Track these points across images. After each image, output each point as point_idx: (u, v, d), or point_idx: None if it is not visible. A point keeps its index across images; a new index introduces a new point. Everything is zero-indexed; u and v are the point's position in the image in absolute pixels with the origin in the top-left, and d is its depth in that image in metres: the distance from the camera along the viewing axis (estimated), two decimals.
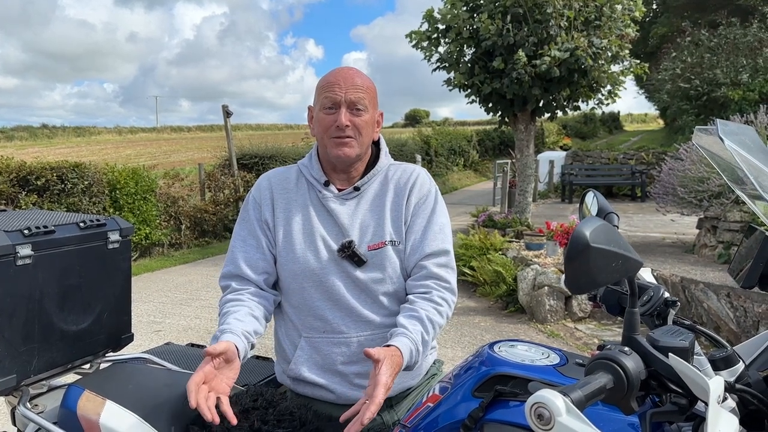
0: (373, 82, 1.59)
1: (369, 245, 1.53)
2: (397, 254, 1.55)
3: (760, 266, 1.14)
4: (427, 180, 1.63)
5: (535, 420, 0.77)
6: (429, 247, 1.54)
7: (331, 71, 1.57)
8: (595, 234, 0.84)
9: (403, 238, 1.56)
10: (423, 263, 1.53)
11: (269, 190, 1.62)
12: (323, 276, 1.53)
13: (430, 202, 1.59)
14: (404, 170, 1.63)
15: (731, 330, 4.39)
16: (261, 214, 1.60)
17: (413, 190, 1.58)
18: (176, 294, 6.87)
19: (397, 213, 1.57)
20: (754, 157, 1.14)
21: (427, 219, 1.57)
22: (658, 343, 0.91)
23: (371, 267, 1.53)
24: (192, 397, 1.24)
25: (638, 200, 13.73)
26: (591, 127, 37.71)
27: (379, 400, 1.24)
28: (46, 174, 7.89)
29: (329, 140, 1.52)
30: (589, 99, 8.85)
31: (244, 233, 1.61)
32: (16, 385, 1.51)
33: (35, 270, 1.51)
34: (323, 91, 1.53)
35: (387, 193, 1.59)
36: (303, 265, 1.54)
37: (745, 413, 0.98)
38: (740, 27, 15.99)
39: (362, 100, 1.51)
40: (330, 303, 1.54)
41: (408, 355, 1.36)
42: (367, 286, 1.53)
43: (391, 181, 1.60)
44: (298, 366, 1.56)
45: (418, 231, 1.56)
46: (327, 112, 1.51)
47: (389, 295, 1.55)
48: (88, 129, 45.99)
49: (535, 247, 6.79)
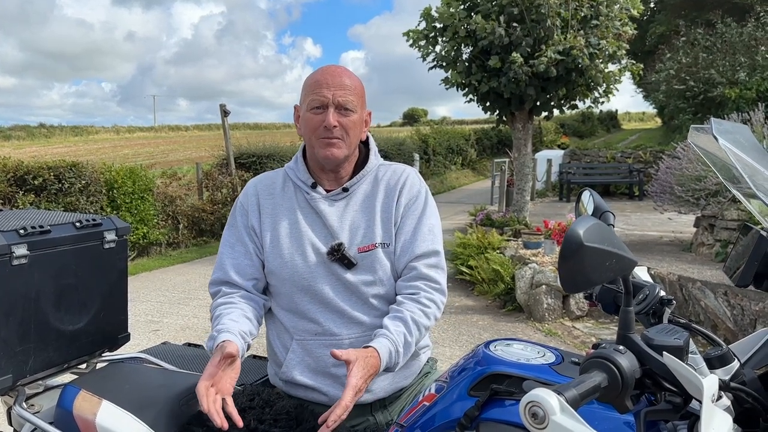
0: (361, 81, 1.58)
1: (359, 247, 1.53)
2: (387, 256, 1.54)
3: (754, 265, 1.14)
4: (417, 181, 1.62)
5: (529, 419, 0.77)
6: (419, 248, 1.54)
7: (319, 70, 1.55)
8: (589, 233, 0.84)
9: (393, 239, 1.55)
10: (413, 264, 1.53)
11: (255, 195, 1.61)
12: (312, 280, 1.52)
13: (420, 202, 1.59)
14: (394, 171, 1.62)
15: (728, 328, 4.40)
16: (248, 220, 1.59)
17: (403, 191, 1.58)
18: (174, 293, 6.86)
19: (387, 214, 1.56)
20: (748, 155, 1.14)
21: (417, 220, 1.57)
22: (652, 341, 0.92)
23: (361, 269, 1.52)
24: (204, 402, 1.26)
25: (636, 199, 13.74)
26: (589, 125, 37.72)
27: (346, 402, 1.25)
28: (43, 173, 7.87)
29: (317, 141, 1.52)
30: (585, 97, 8.86)
31: (233, 240, 1.61)
32: (12, 385, 1.50)
33: (31, 270, 1.51)
34: (311, 91, 1.51)
35: (377, 195, 1.58)
36: (291, 270, 1.53)
37: (740, 411, 0.98)
38: (737, 26, 16.01)
39: (350, 101, 1.50)
40: (321, 306, 1.53)
41: (387, 356, 1.36)
42: (357, 288, 1.52)
43: (381, 182, 1.60)
44: (290, 369, 1.55)
45: (408, 232, 1.55)
46: (315, 113, 1.50)
47: (379, 297, 1.54)
48: (85, 128, 45.91)
49: (533, 246, 6.80)
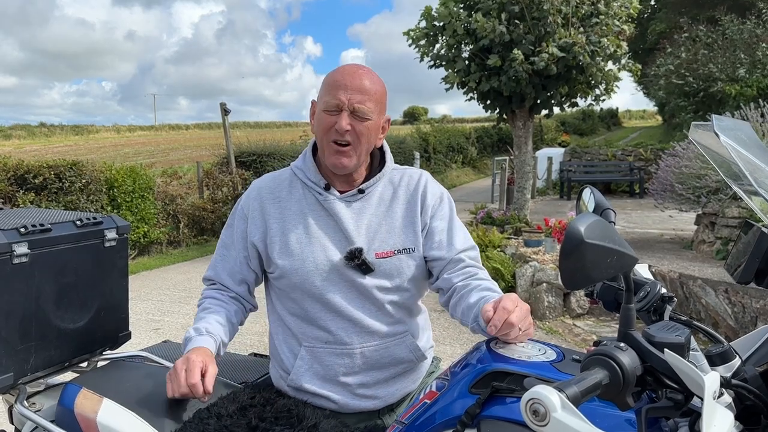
0: (384, 85, 1.51)
1: (377, 252, 1.48)
2: (411, 261, 1.51)
3: (756, 261, 1.13)
4: (436, 184, 1.62)
5: (530, 416, 0.77)
6: (460, 244, 1.53)
7: (341, 68, 1.49)
8: (589, 230, 0.84)
9: (419, 244, 1.52)
10: (458, 257, 1.51)
11: (259, 200, 1.56)
12: (324, 288, 1.48)
13: (446, 203, 1.59)
14: (411, 176, 1.59)
15: (729, 326, 4.40)
16: (246, 226, 1.56)
17: (427, 195, 1.56)
18: (174, 292, 6.86)
19: (411, 219, 1.53)
20: (749, 152, 1.13)
21: (449, 219, 1.56)
22: (653, 338, 0.91)
23: (379, 275, 1.48)
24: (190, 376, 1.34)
25: (636, 197, 13.74)
26: (589, 123, 37.68)
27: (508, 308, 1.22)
28: (43, 172, 7.88)
29: (327, 144, 1.47)
30: (586, 95, 8.85)
31: (228, 243, 1.60)
32: (13, 383, 1.50)
33: (32, 268, 1.51)
34: (328, 91, 1.45)
35: (397, 199, 1.54)
36: (302, 277, 1.48)
37: (741, 408, 0.98)
38: (738, 23, 15.99)
39: (367, 108, 1.43)
40: (333, 314, 1.49)
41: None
42: (373, 293, 1.48)
43: (399, 187, 1.56)
44: (298, 377, 1.52)
45: (443, 231, 1.54)
46: (328, 114, 1.45)
47: (395, 303, 1.51)
48: (86, 127, 45.86)
49: (534, 244, 6.79)
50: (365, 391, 1.51)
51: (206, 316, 1.51)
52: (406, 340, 1.54)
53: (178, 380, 1.34)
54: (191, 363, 1.35)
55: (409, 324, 1.56)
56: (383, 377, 1.52)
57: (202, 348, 1.41)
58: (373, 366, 1.51)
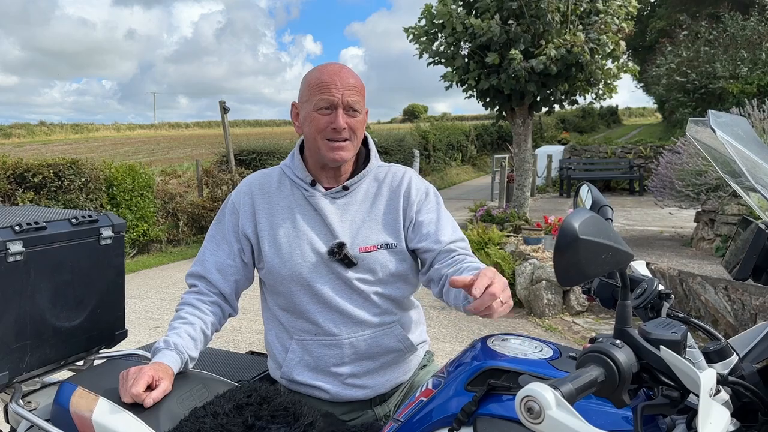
0: (362, 79, 1.58)
1: (360, 247, 1.52)
2: (393, 256, 1.54)
3: (753, 258, 1.13)
4: (420, 179, 1.64)
5: (525, 413, 0.76)
6: (449, 236, 1.54)
7: (322, 68, 1.53)
8: (584, 226, 0.83)
9: (402, 239, 1.55)
10: (448, 248, 1.52)
11: (249, 195, 1.60)
12: (311, 279, 1.51)
13: (431, 197, 1.60)
14: (395, 173, 1.62)
15: (729, 323, 4.39)
16: (237, 220, 1.58)
17: (411, 191, 1.58)
18: (174, 290, 6.86)
19: (394, 215, 1.56)
20: (747, 148, 1.13)
21: (436, 212, 1.58)
22: (649, 335, 0.91)
23: (362, 269, 1.52)
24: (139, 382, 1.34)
25: (636, 194, 13.72)
26: (589, 121, 37.65)
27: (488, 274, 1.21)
28: (43, 171, 7.87)
29: (323, 142, 1.50)
30: (586, 93, 8.83)
31: (219, 237, 1.60)
32: (8, 382, 1.50)
33: (27, 267, 1.50)
34: (317, 91, 1.49)
35: (380, 196, 1.57)
36: (290, 269, 1.52)
37: (738, 406, 0.98)
38: (741, 20, 15.96)
39: (357, 102, 1.50)
40: (320, 306, 1.53)
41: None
42: (358, 286, 1.52)
43: (383, 183, 1.59)
44: (290, 369, 1.56)
45: (431, 223, 1.55)
46: (322, 113, 1.49)
47: (380, 294, 1.54)
48: (86, 126, 45.85)
49: (533, 242, 6.78)
50: (355, 381, 1.54)
51: (179, 327, 1.51)
52: (394, 329, 1.57)
53: (124, 387, 1.37)
54: (141, 374, 1.36)
55: (398, 315, 1.59)
56: (373, 367, 1.56)
57: (162, 364, 1.42)
58: (362, 356, 1.54)
